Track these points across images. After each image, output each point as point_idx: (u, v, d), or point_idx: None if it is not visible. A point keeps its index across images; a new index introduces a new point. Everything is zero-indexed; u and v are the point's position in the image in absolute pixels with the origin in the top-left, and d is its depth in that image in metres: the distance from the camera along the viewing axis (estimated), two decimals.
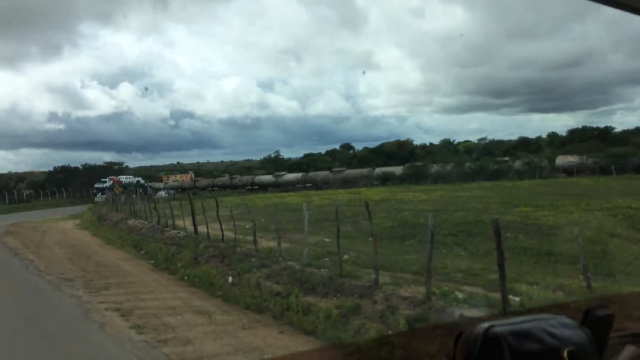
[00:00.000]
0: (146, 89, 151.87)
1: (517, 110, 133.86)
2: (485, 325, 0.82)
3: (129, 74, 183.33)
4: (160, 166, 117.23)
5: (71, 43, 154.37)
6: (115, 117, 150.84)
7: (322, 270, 10.99)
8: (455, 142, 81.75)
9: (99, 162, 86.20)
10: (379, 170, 62.09)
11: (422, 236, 12.24)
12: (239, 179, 75.25)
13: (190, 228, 19.05)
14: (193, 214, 18.03)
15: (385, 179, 58.44)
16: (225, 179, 78.62)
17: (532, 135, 77.45)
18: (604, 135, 61.28)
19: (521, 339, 0.81)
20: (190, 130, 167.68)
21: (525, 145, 69.64)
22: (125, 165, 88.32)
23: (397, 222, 18.98)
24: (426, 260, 8.61)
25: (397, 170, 59.78)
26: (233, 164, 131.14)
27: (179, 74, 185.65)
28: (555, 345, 0.82)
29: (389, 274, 10.05)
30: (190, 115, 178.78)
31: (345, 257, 12.08)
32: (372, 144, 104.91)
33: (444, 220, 16.54)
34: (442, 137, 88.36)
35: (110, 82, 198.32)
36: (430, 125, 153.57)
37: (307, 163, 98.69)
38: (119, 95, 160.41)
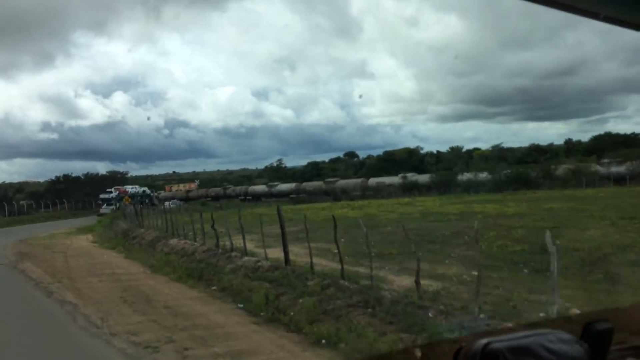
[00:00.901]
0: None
1: (512, 119, 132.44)
2: (484, 341, 0.82)
3: (123, 83, 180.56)
4: (155, 175, 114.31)
5: (64, 52, 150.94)
6: (108, 127, 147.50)
7: None
8: (464, 150, 78.13)
9: (101, 172, 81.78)
10: (372, 180, 60.59)
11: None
12: (232, 189, 74.27)
13: (257, 251, 14.92)
14: (263, 232, 13.82)
15: (410, 188, 54.64)
16: (218, 189, 76.62)
17: (525, 143, 74.51)
18: (632, 142, 57.70)
19: (519, 355, 0.81)
20: (185, 139, 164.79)
21: (539, 152, 66.07)
22: (128, 174, 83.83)
23: (524, 244, 14.87)
24: None
25: (421, 178, 55.97)
26: (229, 172, 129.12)
27: (173, 83, 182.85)
28: None
29: None
30: (184, 124, 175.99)
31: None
32: (367, 153, 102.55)
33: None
34: (438, 145, 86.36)
35: (104, 91, 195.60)
36: (425, 134, 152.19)
37: (311, 171, 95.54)
38: (113, 105, 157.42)
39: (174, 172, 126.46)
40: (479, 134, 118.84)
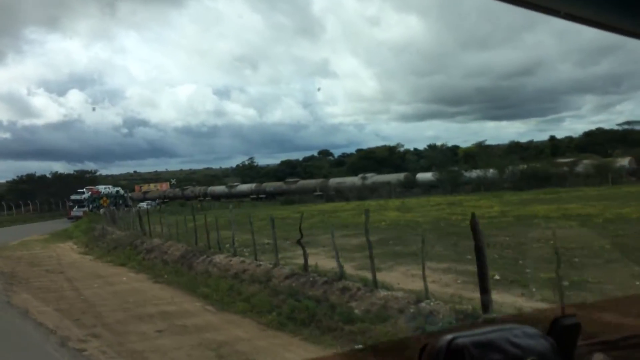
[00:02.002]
0: (94, 109, 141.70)
1: (472, 118, 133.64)
2: (449, 336, 0.82)
3: (79, 81, 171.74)
4: (116, 175, 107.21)
5: (15, 49, 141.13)
6: (64, 126, 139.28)
7: None
8: (444, 147, 74.57)
9: (66, 171, 74.16)
10: (333, 181, 59.32)
11: None
12: (190, 189, 72.70)
13: (362, 274, 10.45)
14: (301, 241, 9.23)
15: (409, 187, 50.70)
16: (177, 190, 74.75)
17: (491, 142, 72.61)
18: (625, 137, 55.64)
19: (485, 350, 0.81)
20: (145, 138, 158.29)
21: (521, 149, 63.61)
22: (98, 173, 76.30)
23: None
24: None
25: (424, 176, 52.06)
26: (193, 172, 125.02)
27: (132, 81, 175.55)
28: (518, 355, 0.82)
29: None
30: (144, 123, 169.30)
31: None
32: (333, 152, 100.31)
33: None
34: (396, 143, 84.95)
35: (59, 89, 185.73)
36: (388, 133, 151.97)
37: (284, 170, 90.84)
38: (68, 103, 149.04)
39: (134, 171, 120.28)
40: (439, 133, 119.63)
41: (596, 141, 58.30)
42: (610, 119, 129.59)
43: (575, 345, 0.96)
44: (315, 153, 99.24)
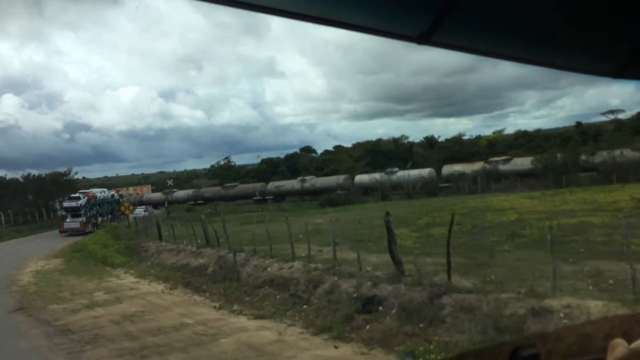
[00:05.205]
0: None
1: (420, 116, 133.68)
2: None
3: (12, 85, 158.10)
4: None
5: None
6: (0, 132, 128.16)
7: None
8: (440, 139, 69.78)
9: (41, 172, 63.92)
10: (271, 184, 58.49)
11: None
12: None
13: None
14: None
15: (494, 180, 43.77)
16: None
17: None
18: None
19: None
20: (88, 143, 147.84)
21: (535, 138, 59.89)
22: (76, 175, 66.03)
23: None
24: None
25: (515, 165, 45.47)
26: (145, 177, 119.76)
27: (70, 84, 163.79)
28: None
29: None
30: (86, 127, 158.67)
31: None
32: (283, 153, 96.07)
33: None
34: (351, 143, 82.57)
35: None
36: (339, 132, 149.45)
37: (265, 170, 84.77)
38: (3, 109, 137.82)
39: (83, 177, 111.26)
40: (390, 131, 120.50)
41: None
42: (552, 114, 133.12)
43: None
44: (298, 150, 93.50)
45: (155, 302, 13.91)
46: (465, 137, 66.35)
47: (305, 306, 11.18)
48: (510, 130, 70.18)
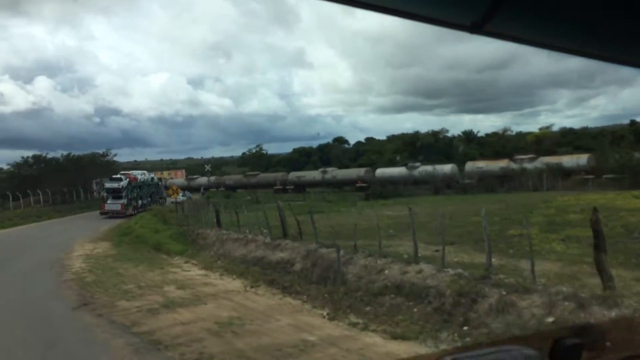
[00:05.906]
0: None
1: (449, 111, 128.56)
2: (448, 358, 0.83)
3: (46, 68, 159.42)
4: None
5: None
6: (33, 114, 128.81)
7: None
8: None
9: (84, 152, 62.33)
10: (292, 174, 57.35)
11: None
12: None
13: None
14: None
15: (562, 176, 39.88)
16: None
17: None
18: None
19: None
20: (118, 127, 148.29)
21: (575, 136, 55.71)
22: (114, 155, 64.11)
23: None
24: None
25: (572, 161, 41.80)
26: (173, 162, 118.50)
27: (102, 68, 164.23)
28: None
29: None
30: (116, 112, 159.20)
31: None
32: (309, 143, 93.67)
33: None
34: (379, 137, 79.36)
35: (25, 76, 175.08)
36: (366, 125, 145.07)
37: (297, 159, 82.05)
38: (36, 91, 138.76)
39: (114, 161, 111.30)
40: (417, 126, 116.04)
41: None
42: (585, 114, 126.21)
43: None
44: (330, 141, 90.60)
45: (245, 304, 11.35)
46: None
47: (465, 328, 8.42)
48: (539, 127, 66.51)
